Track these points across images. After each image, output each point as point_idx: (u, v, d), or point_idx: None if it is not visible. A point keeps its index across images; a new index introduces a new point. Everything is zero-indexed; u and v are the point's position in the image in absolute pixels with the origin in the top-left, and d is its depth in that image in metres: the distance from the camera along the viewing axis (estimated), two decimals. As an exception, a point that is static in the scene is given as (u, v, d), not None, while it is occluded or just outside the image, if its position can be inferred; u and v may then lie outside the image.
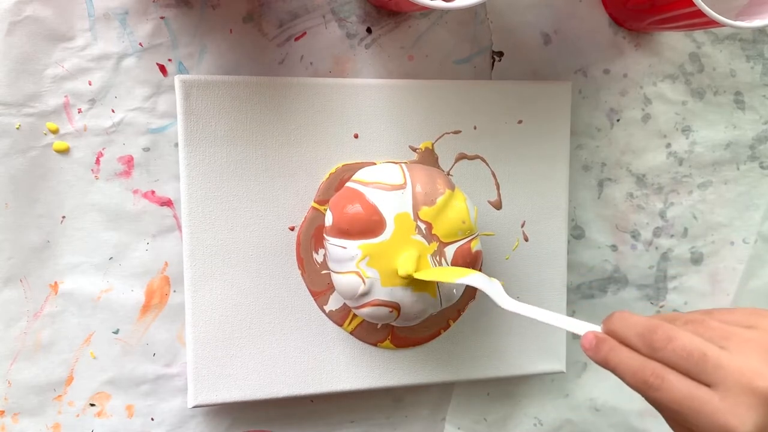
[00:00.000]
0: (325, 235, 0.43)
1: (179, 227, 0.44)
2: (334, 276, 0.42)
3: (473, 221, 0.42)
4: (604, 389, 0.55)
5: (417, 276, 0.40)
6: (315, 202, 0.45)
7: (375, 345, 0.47)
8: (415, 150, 0.46)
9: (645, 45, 0.52)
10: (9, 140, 0.41)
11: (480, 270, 0.47)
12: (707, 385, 0.30)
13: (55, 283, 0.43)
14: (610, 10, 0.51)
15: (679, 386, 0.31)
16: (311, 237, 0.45)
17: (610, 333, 0.34)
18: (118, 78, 0.42)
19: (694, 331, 0.32)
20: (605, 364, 0.33)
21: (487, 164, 0.48)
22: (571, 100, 0.50)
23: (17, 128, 0.41)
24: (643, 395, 0.32)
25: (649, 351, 0.32)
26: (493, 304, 0.41)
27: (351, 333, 0.46)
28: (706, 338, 0.31)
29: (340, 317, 0.46)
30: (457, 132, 0.47)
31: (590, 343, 0.34)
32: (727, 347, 0.31)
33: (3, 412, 0.43)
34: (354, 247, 0.41)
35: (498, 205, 0.49)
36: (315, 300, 0.45)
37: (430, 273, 0.40)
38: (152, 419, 0.45)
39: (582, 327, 0.35)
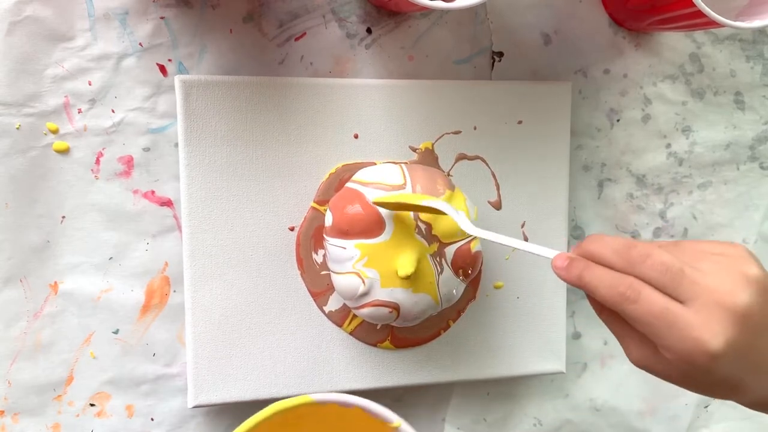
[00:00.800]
0: (324, 235, 0.43)
1: (179, 227, 0.44)
2: (333, 276, 0.42)
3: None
4: (604, 389, 0.55)
5: (378, 200, 0.40)
6: (315, 202, 0.45)
7: (375, 345, 0.46)
8: (415, 150, 0.46)
9: (645, 45, 0.52)
10: (9, 140, 0.41)
11: (480, 271, 0.47)
12: (681, 302, 0.31)
13: (55, 283, 0.43)
14: (610, 10, 0.51)
15: (655, 299, 0.31)
16: (311, 237, 0.45)
17: (583, 254, 0.34)
18: (118, 78, 0.42)
19: (668, 253, 0.33)
20: (578, 282, 0.33)
21: (487, 164, 0.48)
22: (571, 101, 0.50)
23: (17, 128, 0.41)
24: (618, 309, 0.32)
25: (627, 266, 0.32)
26: (493, 304, 0.41)
27: (351, 333, 0.46)
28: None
29: (339, 318, 0.46)
30: (457, 132, 0.47)
31: (563, 263, 0.34)
32: (700, 269, 0.32)
33: (3, 412, 0.43)
34: (353, 247, 0.40)
35: (498, 205, 0.49)
36: (315, 300, 0.45)
37: (396, 197, 0.40)
38: (152, 419, 0.45)
39: (551, 252, 0.35)
